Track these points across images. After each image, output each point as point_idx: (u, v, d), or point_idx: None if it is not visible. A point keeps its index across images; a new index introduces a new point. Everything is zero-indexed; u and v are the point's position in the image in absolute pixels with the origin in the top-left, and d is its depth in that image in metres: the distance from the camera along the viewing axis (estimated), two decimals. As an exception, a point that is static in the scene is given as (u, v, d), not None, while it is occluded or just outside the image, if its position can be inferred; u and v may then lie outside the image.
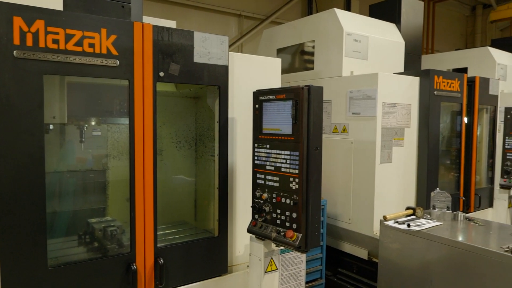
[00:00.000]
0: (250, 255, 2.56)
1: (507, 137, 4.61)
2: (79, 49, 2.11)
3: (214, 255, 2.70)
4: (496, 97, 4.45)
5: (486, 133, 4.54)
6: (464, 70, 5.75)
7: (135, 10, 2.64)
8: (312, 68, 4.36)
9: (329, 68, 4.13)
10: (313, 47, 4.35)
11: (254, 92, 2.49)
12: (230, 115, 2.77)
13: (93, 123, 2.88)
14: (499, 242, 2.62)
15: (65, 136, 2.77)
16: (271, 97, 2.36)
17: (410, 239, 2.88)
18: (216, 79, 2.62)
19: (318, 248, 3.82)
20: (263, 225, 2.44)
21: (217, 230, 2.73)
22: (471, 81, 4.16)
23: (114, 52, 2.21)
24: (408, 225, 2.90)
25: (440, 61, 6.35)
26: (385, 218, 3.05)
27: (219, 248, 2.72)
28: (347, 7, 8.17)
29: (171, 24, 3.15)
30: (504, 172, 4.62)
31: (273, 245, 2.49)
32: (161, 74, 2.38)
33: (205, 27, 7.26)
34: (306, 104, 2.17)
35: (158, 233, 2.46)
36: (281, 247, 2.50)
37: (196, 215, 3.41)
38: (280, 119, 2.31)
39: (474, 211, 4.27)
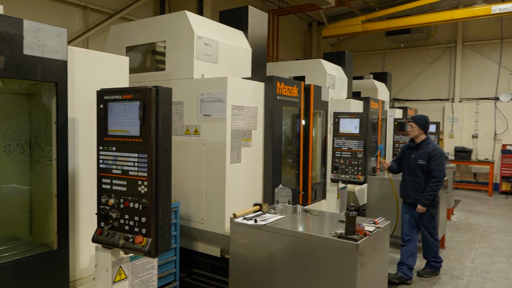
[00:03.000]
0: (96, 266, 2.39)
1: (335, 138, 5.36)
2: None
3: (52, 271, 2.42)
4: (327, 103, 5.11)
5: (319, 134, 5.17)
6: (302, 78, 6.45)
7: None
8: (164, 69, 4.30)
9: (180, 70, 4.13)
10: (165, 47, 4.29)
11: (98, 91, 2.33)
12: (70, 116, 2.53)
13: None
14: (330, 229, 3.01)
15: None
16: (117, 97, 2.24)
17: (257, 233, 3.09)
18: (53, 75, 2.36)
19: (171, 251, 3.79)
20: (110, 232, 2.30)
21: (56, 243, 2.46)
22: (307, 88, 4.69)
23: None
24: (255, 221, 3.10)
25: (282, 69, 6.99)
26: (234, 216, 3.21)
27: (59, 262, 2.45)
28: (200, 11, 8.31)
29: (-4, 9, 2.72)
30: (334, 168, 5.35)
31: (121, 253, 2.37)
32: (-20, 66, 2.03)
33: (44, 17, 6.46)
34: (154, 105, 2.13)
35: (-22, 253, 2.09)
36: (131, 254, 2.40)
37: (31, 228, 3.00)
38: (127, 120, 2.21)
39: (311, 203, 4.82)
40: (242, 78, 4.10)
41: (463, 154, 11.55)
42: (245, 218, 3.19)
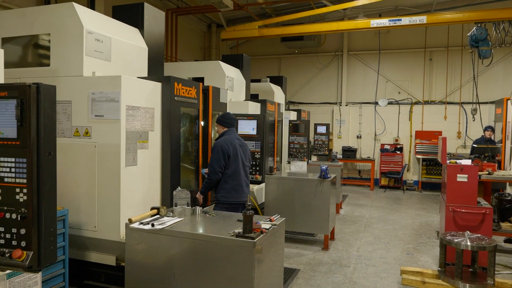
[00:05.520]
0: (-37, 288, 2.08)
1: (234, 139, 5.46)
2: None
3: None
4: (225, 104, 5.18)
5: (219, 136, 5.21)
6: (201, 79, 6.44)
7: None
8: (48, 65, 3.93)
9: (68, 66, 3.82)
10: (49, 41, 3.92)
11: (-37, 87, 2.03)
12: None
13: None
14: (228, 228, 3.05)
15: None
16: (-12, 94, 1.98)
17: (155, 238, 3.00)
18: None
19: (58, 263, 3.48)
20: (-20, 248, 2.02)
21: None
22: (206, 90, 4.70)
23: None
24: (152, 225, 3.00)
25: (181, 69, 6.90)
26: (130, 221, 3.07)
27: None
28: (91, 5, 7.78)
29: None
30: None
31: (-4, 271, 2.10)
32: None
33: None
34: (35, 104, 1.93)
35: None
36: (8, 271, 2.15)
37: None
38: (1, 121, 1.97)
39: (211, 204, 4.84)
40: (138, 77, 3.94)
41: (349, 153, 12.69)
42: (141, 223, 3.07)
